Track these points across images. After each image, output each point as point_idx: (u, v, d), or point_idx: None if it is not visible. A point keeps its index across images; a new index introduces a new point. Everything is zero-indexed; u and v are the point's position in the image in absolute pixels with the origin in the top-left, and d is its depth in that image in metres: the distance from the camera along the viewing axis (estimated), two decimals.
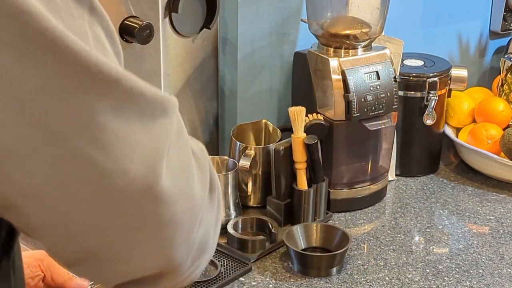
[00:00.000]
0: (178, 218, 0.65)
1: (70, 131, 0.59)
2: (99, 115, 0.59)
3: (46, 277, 1.12)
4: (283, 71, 1.64)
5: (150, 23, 1.34)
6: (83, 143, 0.59)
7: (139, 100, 0.61)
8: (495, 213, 1.56)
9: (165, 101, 0.64)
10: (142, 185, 0.61)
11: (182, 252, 0.67)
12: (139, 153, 0.61)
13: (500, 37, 2.09)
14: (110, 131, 0.60)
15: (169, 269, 0.68)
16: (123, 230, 0.63)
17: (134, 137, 0.61)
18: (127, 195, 0.61)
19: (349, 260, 1.36)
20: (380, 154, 1.57)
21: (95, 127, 0.59)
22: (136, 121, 0.61)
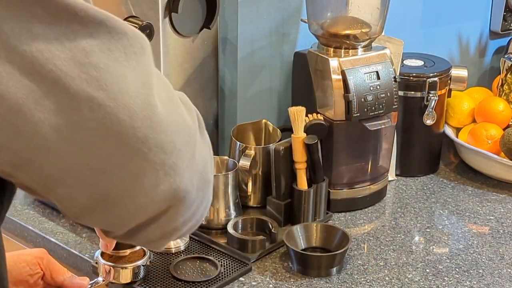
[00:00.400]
0: (178, 146, 0.69)
1: (70, 75, 0.62)
2: (92, 56, 0.63)
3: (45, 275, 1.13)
4: (283, 71, 1.64)
5: (150, 23, 1.34)
6: (84, 85, 0.63)
7: (122, 39, 0.66)
8: (495, 213, 1.56)
9: (142, 40, 0.68)
10: (142, 117, 0.65)
11: (187, 180, 0.70)
12: (133, 88, 0.65)
13: (500, 37, 2.09)
14: (104, 70, 0.64)
15: (177, 200, 0.71)
16: (131, 164, 0.66)
17: (125, 74, 0.65)
18: (131, 129, 0.65)
19: (349, 260, 1.36)
20: (380, 154, 1.57)
21: (91, 68, 0.63)
22: (123, 60, 0.65)
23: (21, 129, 0.62)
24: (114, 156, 0.66)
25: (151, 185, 0.68)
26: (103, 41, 0.64)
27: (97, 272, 1.23)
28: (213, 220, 1.40)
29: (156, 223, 0.72)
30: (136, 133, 0.65)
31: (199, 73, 1.49)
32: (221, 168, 1.46)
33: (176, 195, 0.70)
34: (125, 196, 0.68)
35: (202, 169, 0.74)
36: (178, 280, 1.26)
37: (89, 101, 0.63)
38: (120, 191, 0.68)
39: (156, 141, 0.67)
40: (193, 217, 0.76)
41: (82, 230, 1.43)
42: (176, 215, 0.73)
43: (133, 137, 0.65)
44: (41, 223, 1.47)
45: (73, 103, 0.63)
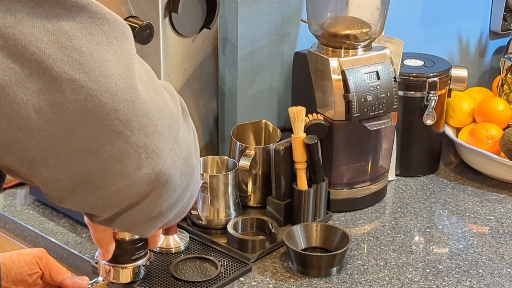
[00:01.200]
0: (160, 129, 0.70)
1: (52, 57, 0.64)
2: (74, 39, 0.65)
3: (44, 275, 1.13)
4: (283, 71, 1.64)
5: (150, 23, 1.34)
6: (66, 67, 0.64)
7: (103, 24, 0.67)
8: (495, 213, 1.56)
9: (123, 26, 0.70)
10: (125, 100, 0.67)
11: (170, 163, 0.72)
12: (115, 72, 0.67)
13: (500, 37, 2.09)
14: (87, 53, 0.65)
15: (160, 183, 0.72)
16: (113, 146, 0.68)
17: (107, 58, 0.66)
18: (113, 111, 0.66)
19: (349, 260, 1.36)
20: (380, 154, 1.57)
21: (73, 51, 0.64)
22: (105, 45, 0.67)
23: (4, 109, 0.63)
24: (96, 138, 0.67)
25: (134, 168, 0.69)
26: (85, 26, 0.66)
27: (97, 272, 1.23)
28: (213, 220, 1.40)
29: (139, 207, 0.73)
30: (118, 115, 0.67)
31: (199, 73, 1.49)
32: (221, 168, 1.46)
33: (158, 178, 0.71)
34: (107, 178, 0.69)
35: (186, 154, 0.75)
36: (178, 280, 1.26)
37: (71, 83, 0.64)
38: (102, 172, 0.69)
39: (138, 124, 0.68)
40: (178, 202, 0.77)
41: (82, 230, 1.43)
42: (160, 199, 0.74)
43: (115, 119, 0.67)
44: (41, 223, 1.47)
45: (56, 85, 0.64)
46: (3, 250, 1.51)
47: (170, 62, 1.43)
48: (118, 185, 0.70)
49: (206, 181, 1.38)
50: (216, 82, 1.53)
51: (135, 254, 1.20)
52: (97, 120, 0.66)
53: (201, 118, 1.53)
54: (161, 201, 0.74)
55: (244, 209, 1.48)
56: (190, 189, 0.78)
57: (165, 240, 1.35)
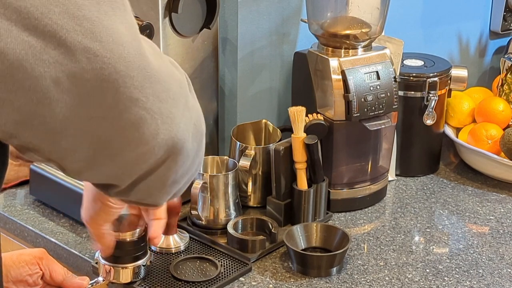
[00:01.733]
0: (172, 94, 0.72)
1: (65, 28, 0.64)
2: (84, 9, 0.65)
3: (44, 275, 1.13)
4: (283, 71, 1.64)
5: (150, 23, 1.34)
6: (80, 37, 0.65)
7: None
8: (495, 213, 1.56)
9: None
10: (138, 66, 0.68)
11: (183, 129, 0.74)
12: (125, 39, 0.68)
13: (500, 37, 2.09)
14: (97, 22, 0.66)
15: (176, 149, 0.74)
16: (130, 113, 0.69)
17: (116, 26, 0.67)
18: (128, 78, 0.68)
19: (349, 260, 1.36)
20: (380, 154, 1.57)
21: (84, 20, 0.65)
22: (112, 14, 0.68)
23: (22, 84, 0.64)
24: (113, 105, 0.68)
25: (151, 134, 0.71)
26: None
27: (97, 272, 1.23)
28: (213, 220, 1.40)
29: (156, 174, 0.75)
30: (133, 82, 0.68)
31: (199, 73, 1.49)
32: (221, 168, 1.46)
33: (174, 144, 0.73)
34: (126, 145, 0.71)
35: (196, 119, 0.77)
36: (178, 280, 1.26)
37: (86, 52, 0.65)
38: (121, 139, 0.70)
39: (152, 90, 0.70)
40: (189, 169, 0.79)
41: (82, 230, 1.43)
42: (175, 165, 0.76)
43: (131, 86, 0.68)
44: (41, 223, 1.47)
45: (71, 55, 0.65)
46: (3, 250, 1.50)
47: None
48: (137, 151, 0.72)
49: (206, 181, 1.38)
50: (216, 82, 1.53)
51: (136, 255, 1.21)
52: (113, 88, 0.67)
53: None
54: (176, 167, 0.76)
55: (244, 209, 1.48)
56: (200, 155, 0.80)
57: (165, 240, 1.34)
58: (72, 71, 0.65)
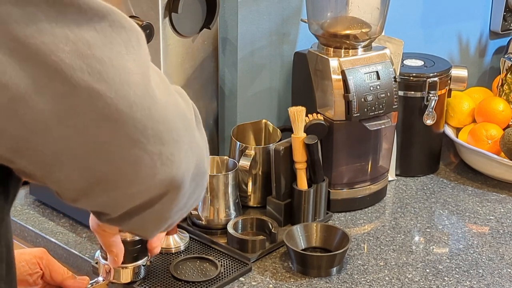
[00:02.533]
0: (175, 136, 0.71)
1: (73, 67, 0.64)
2: (95, 49, 0.65)
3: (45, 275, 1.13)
4: (283, 71, 1.64)
5: (150, 23, 1.34)
6: (86, 76, 0.65)
7: (121, 33, 0.68)
8: (495, 213, 1.56)
9: (138, 33, 0.70)
10: (142, 107, 0.67)
11: (183, 169, 0.73)
12: (133, 79, 0.67)
13: (500, 37, 2.09)
14: (107, 62, 0.66)
15: (172, 188, 0.73)
16: (129, 153, 0.69)
17: (126, 65, 0.67)
18: (131, 119, 0.67)
19: (349, 260, 1.36)
20: (380, 154, 1.57)
21: (93, 60, 0.65)
22: (124, 53, 0.67)
23: (22, 116, 0.64)
24: (112, 143, 0.68)
25: (148, 174, 0.70)
26: (105, 35, 0.66)
27: (97, 272, 1.23)
28: (213, 220, 1.40)
29: (150, 210, 0.74)
30: (135, 123, 0.67)
31: (199, 73, 1.49)
32: (221, 168, 1.46)
33: (172, 184, 0.73)
34: (121, 182, 0.70)
35: (198, 158, 0.76)
36: (178, 280, 1.26)
37: (90, 91, 0.65)
38: (117, 177, 0.70)
39: (154, 131, 0.69)
40: (185, 206, 0.78)
41: (82, 230, 1.43)
42: (171, 204, 0.75)
43: (132, 127, 0.67)
44: (41, 223, 1.47)
45: (74, 93, 0.65)
46: None
47: (170, 62, 1.43)
48: (132, 189, 0.71)
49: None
50: (216, 82, 1.53)
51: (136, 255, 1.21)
52: (114, 127, 0.67)
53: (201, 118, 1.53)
54: (172, 205, 0.76)
55: (244, 209, 1.48)
56: (198, 192, 0.79)
57: (165, 240, 1.34)
58: (73, 106, 0.65)
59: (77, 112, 0.65)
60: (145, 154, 0.69)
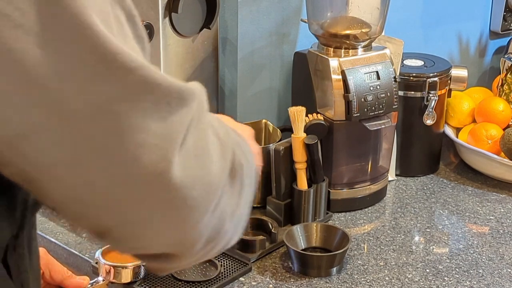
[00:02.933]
0: (190, 202, 0.66)
1: (85, 117, 0.60)
2: (114, 104, 0.60)
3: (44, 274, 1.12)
4: (283, 71, 1.64)
5: (150, 23, 1.34)
6: (97, 130, 0.60)
7: (154, 90, 0.62)
8: (495, 213, 1.56)
9: (183, 92, 0.64)
10: (153, 171, 0.63)
11: (195, 234, 0.69)
12: (152, 142, 0.62)
13: (500, 37, 2.09)
14: (124, 120, 0.61)
15: (181, 249, 0.70)
16: (135, 211, 0.65)
17: (148, 127, 0.62)
18: (139, 181, 0.63)
19: (349, 260, 1.36)
20: (380, 154, 1.57)
21: (109, 115, 0.60)
22: (151, 111, 0.62)
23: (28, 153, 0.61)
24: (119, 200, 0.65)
25: (157, 233, 0.68)
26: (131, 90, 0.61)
27: (97, 272, 1.23)
28: None
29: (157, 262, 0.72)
30: (144, 186, 0.64)
31: (199, 73, 1.49)
32: None
33: (181, 245, 0.70)
34: (128, 237, 0.68)
35: (217, 221, 0.71)
36: (178, 280, 1.26)
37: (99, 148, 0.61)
38: (124, 232, 0.68)
39: (165, 197, 0.65)
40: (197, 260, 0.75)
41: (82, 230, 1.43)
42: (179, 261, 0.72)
43: (141, 189, 0.64)
44: (41, 223, 1.46)
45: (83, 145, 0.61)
46: None
47: (170, 62, 1.43)
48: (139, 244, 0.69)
49: None
50: (216, 82, 1.53)
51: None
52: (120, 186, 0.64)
53: None
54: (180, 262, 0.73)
55: None
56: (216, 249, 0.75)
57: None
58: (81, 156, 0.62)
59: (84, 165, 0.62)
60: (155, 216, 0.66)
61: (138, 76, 0.61)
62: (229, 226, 0.74)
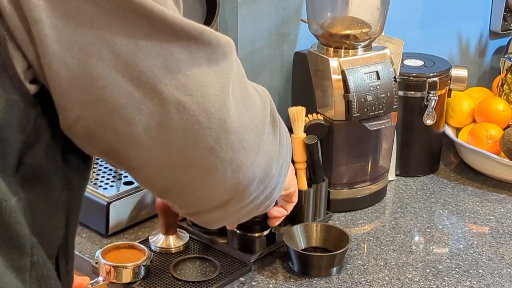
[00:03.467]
0: (245, 144, 0.77)
1: (163, 81, 0.70)
2: (181, 64, 0.71)
3: None
4: (283, 71, 1.64)
5: None
6: (174, 90, 0.71)
7: (207, 48, 0.73)
8: (495, 213, 1.56)
9: (226, 46, 0.75)
10: (218, 119, 0.74)
11: (250, 175, 0.80)
12: (212, 92, 0.73)
13: (500, 37, 2.10)
14: (191, 76, 0.71)
15: (238, 191, 0.81)
16: (204, 160, 0.75)
17: (207, 79, 0.73)
18: (207, 129, 0.73)
19: (349, 260, 1.36)
20: (380, 154, 1.57)
21: (180, 74, 0.71)
22: (205, 66, 0.73)
23: (117, 127, 0.71)
24: (191, 153, 0.74)
25: (219, 179, 0.77)
26: (191, 50, 0.72)
27: (97, 272, 1.23)
28: None
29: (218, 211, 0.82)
30: (211, 133, 0.74)
31: None
32: None
33: (238, 188, 0.80)
34: (196, 187, 0.78)
35: (265, 164, 0.82)
36: (178, 280, 1.26)
37: (177, 105, 0.71)
38: (193, 183, 0.77)
39: (227, 141, 0.75)
40: (251, 204, 0.85)
41: (82, 230, 1.43)
42: (236, 205, 0.82)
43: (209, 137, 0.74)
44: None
45: (164, 106, 0.71)
46: None
47: None
48: (203, 192, 0.79)
49: None
50: None
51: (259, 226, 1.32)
52: (194, 138, 0.73)
53: None
54: (237, 207, 0.83)
55: None
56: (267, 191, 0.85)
57: (165, 240, 1.34)
58: (162, 120, 0.71)
59: (166, 126, 0.72)
60: (218, 161, 0.76)
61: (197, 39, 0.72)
62: (275, 171, 0.85)
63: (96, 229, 1.41)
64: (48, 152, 0.72)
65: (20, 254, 0.70)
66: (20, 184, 0.70)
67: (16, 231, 0.69)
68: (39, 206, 0.73)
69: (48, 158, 0.72)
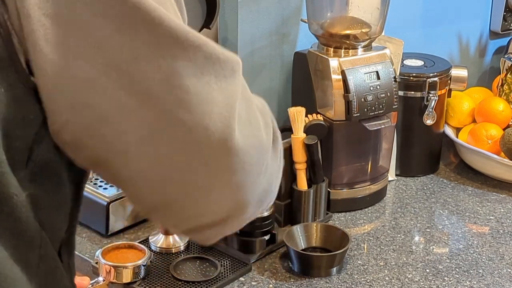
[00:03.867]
0: (247, 166, 0.73)
1: (161, 95, 0.67)
2: (184, 79, 0.67)
3: None
4: (283, 71, 1.64)
5: None
6: (172, 105, 0.67)
7: (215, 64, 0.70)
8: (495, 213, 1.56)
9: (234, 63, 0.72)
10: (219, 138, 0.70)
11: (249, 196, 0.76)
12: (216, 110, 0.69)
13: (500, 37, 2.09)
14: (193, 93, 0.68)
15: (236, 212, 0.76)
16: (200, 179, 0.72)
17: (212, 96, 0.69)
18: (206, 148, 0.70)
19: (349, 260, 1.36)
20: (380, 154, 1.57)
21: (181, 90, 0.67)
22: (213, 83, 0.69)
23: (106, 136, 0.68)
24: (186, 170, 0.70)
25: (216, 199, 0.74)
26: (198, 65, 0.68)
27: (97, 272, 1.23)
28: None
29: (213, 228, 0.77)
30: (210, 152, 0.70)
31: None
32: None
33: (236, 208, 0.76)
34: (188, 205, 0.74)
35: (266, 184, 0.79)
36: (178, 280, 1.26)
37: (174, 119, 0.68)
38: (186, 200, 0.73)
39: (227, 162, 0.71)
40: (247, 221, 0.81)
41: (82, 230, 1.43)
42: (233, 224, 0.78)
43: (207, 155, 0.70)
44: None
45: (160, 120, 0.67)
46: None
47: None
48: (198, 210, 0.74)
49: None
50: None
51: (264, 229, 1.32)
52: (189, 155, 0.70)
53: None
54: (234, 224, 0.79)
55: None
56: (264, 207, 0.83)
57: (165, 240, 1.34)
58: (156, 132, 0.68)
59: (159, 140, 0.68)
60: (216, 182, 0.72)
61: (204, 52, 0.68)
62: (275, 188, 0.82)
63: (96, 229, 1.40)
64: (56, 148, 0.70)
65: (30, 248, 0.70)
66: (28, 179, 0.69)
67: (27, 226, 0.69)
68: (46, 201, 0.72)
69: (56, 154, 0.71)
